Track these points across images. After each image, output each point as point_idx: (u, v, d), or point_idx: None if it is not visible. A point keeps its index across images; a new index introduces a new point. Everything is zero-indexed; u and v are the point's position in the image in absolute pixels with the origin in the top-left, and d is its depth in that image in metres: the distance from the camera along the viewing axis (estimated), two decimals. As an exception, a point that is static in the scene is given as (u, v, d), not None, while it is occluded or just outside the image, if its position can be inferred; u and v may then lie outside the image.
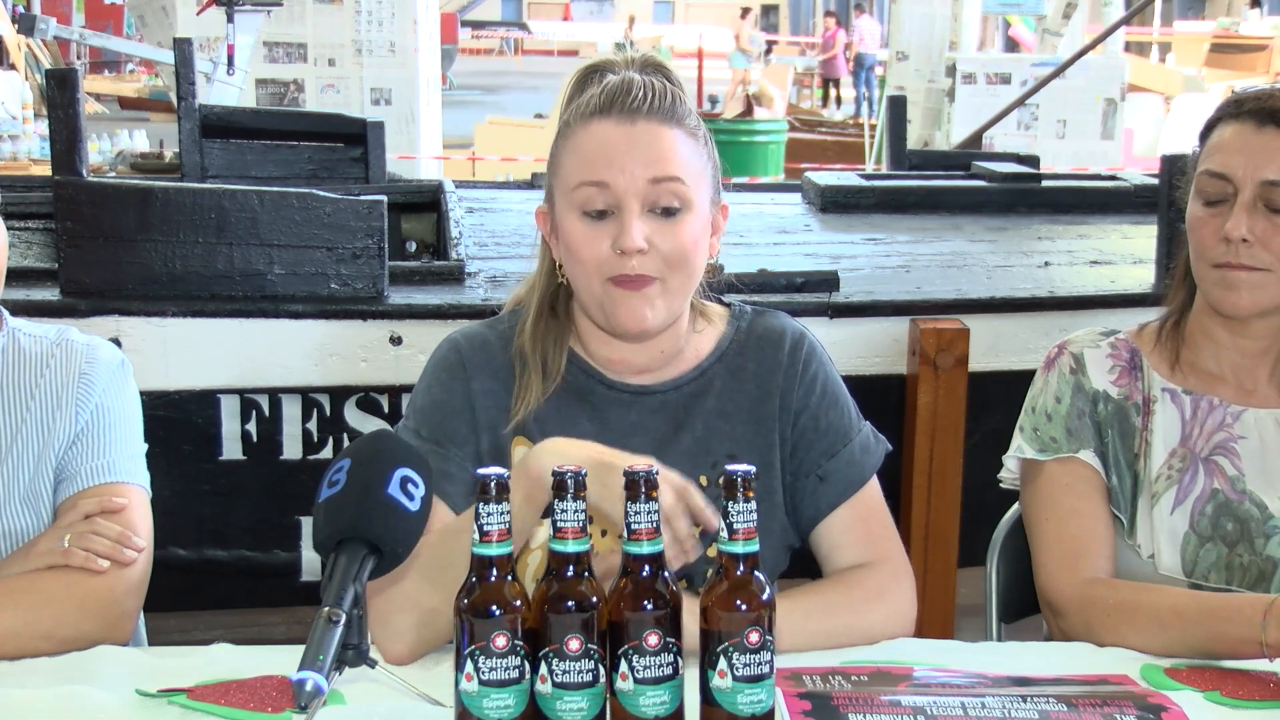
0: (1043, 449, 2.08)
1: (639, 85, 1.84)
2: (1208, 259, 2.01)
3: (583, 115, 1.84)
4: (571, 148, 1.85)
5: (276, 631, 3.79)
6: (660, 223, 1.82)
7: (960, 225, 4.50)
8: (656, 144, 1.82)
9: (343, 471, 1.54)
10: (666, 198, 1.82)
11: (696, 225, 1.85)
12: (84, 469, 1.96)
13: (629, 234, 1.80)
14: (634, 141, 1.81)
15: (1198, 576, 2.00)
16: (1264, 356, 2.07)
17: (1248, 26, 21.99)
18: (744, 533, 1.48)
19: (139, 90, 17.70)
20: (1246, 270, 1.97)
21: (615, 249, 1.81)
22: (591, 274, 1.84)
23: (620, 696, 1.49)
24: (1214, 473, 2.03)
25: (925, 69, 11.51)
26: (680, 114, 1.85)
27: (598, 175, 1.81)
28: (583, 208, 1.82)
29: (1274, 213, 1.96)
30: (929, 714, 1.57)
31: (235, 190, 3.37)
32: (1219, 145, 2.01)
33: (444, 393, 1.94)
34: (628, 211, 1.80)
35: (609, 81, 1.86)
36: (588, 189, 1.81)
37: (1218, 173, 1.99)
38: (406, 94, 8.66)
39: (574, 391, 1.95)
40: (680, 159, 1.83)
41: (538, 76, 25.88)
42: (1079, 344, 2.13)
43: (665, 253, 1.82)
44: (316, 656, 1.37)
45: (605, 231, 1.82)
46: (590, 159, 1.82)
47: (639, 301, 1.83)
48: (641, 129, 1.82)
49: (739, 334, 2.00)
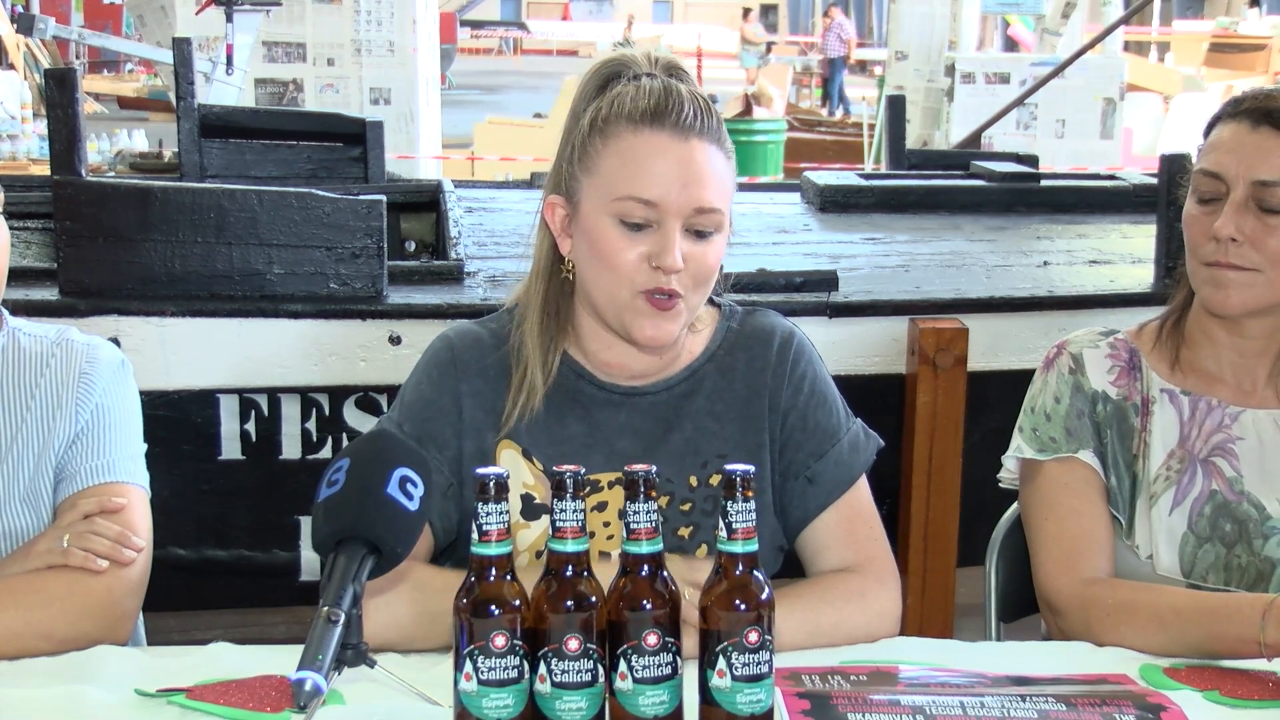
0: (1042, 449, 2.08)
1: (688, 99, 1.83)
2: (1199, 257, 2.01)
3: (630, 120, 1.82)
4: (616, 152, 1.82)
5: (276, 631, 3.79)
6: (694, 243, 1.82)
7: (959, 225, 4.49)
8: (706, 169, 1.82)
9: (342, 471, 1.54)
10: (705, 222, 1.82)
11: (723, 243, 1.87)
12: (83, 468, 1.96)
13: (671, 253, 1.80)
14: (686, 164, 1.81)
15: (1196, 577, 2.00)
16: (1262, 357, 2.07)
17: (1247, 26, 22.00)
18: (743, 532, 1.48)
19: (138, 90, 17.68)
20: (1235, 270, 1.97)
21: (651, 263, 1.81)
22: (622, 282, 1.83)
23: (619, 696, 1.49)
24: (1212, 474, 2.04)
25: (924, 68, 11.51)
26: (723, 134, 1.86)
27: (648, 193, 1.80)
28: (622, 217, 1.81)
29: (1265, 213, 1.96)
30: (928, 713, 1.57)
31: (234, 190, 3.36)
32: (1215, 144, 2.01)
33: (433, 391, 1.93)
34: (670, 231, 1.80)
35: (651, 87, 1.84)
36: (633, 203, 1.80)
37: (1211, 171, 1.99)
38: (406, 94, 8.66)
39: (563, 392, 1.94)
40: (723, 187, 1.84)
41: (537, 76, 25.88)
42: (1078, 344, 2.13)
43: (695, 272, 1.83)
44: (316, 656, 1.37)
45: (641, 242, 1.81)
46: (642, 173, 1.80)
47: (666, 320, 1.84)
48: (694, 150, 1.81)
49: (730, 334, 1.99)
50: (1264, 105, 1.97)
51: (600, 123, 1.84)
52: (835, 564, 1.94)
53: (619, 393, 1.95)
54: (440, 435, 1.91)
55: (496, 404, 1.92)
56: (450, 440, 1.91)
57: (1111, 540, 2.04)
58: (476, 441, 1.92)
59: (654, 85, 1.84)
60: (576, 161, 1.86)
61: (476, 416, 1.92)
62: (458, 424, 1.91)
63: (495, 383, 1.93)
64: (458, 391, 1.92)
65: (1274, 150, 1.95)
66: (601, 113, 1.84)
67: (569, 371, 1.95)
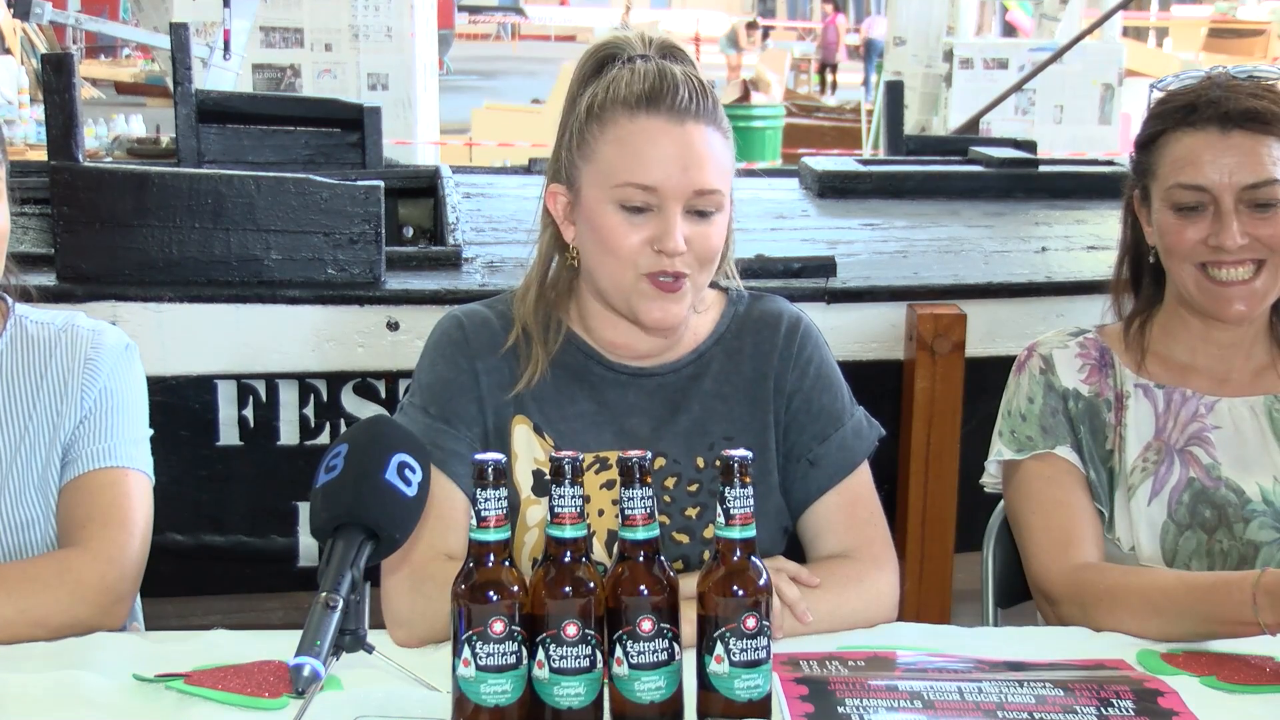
0: (1020, 449, 2.09)
1: (683, 82, 1.83)
2: (1192, 259, 2.02)
3: (626, 105, 1.83)
4: (614, 139, 1.83)
5: (274, 617, 3.80)
6: (696, 223, 1.83)
7: (957, 210, 4.49)
8: (704, 151, 1.82)
9: (340, 457, 1.54)
10: (705, 203, 1.83)
11: (725, 222, 1.88)
12: (86, 452, 1.96)
13: (673, 237, 1.81)
14: (684, 147, 1.81)
15: (1179, 565, 2.01)
16: (1237, 347, 2.09)
17: (1245, 11, 21.97)
18: (740, 518, 1.48)
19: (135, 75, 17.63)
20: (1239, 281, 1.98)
21: (654, 246, 1.82)
22: (625, 266, 1.84)
23: (617, 682, 1.49)
24: (1189, 462, 2.05)
25: (922, 54, 11.49)
26: (719, 114, 1.86)
27: (647, 179, 1.80)
28: (623, 203, 1.82)
29: (1257, 209, 1.98)
30: (925, 699, 1.57)
31: (232, 176, 3.36)
32: (1186, 159, 2.00)
33: (450, 369, 1.94)
34: (671, 214, 1.81)
35: (645, 70, 1.84)
36: (632, 189, 1.81)
37: (1193, 185, 1.99)
38: (403, 79, 8.65)
39: (572, 371, 1.95)
40: (721, 167, 1.84)
41: (535, 62, 25.82)
42: (1047, 345, 2.15)
43: (699, 251, 1.84)
44: (314, 642, 1.37)
45: (643, 226, 1.82)
46: (639, 159, 1.81)
47: (672, 302, 1.85)
48: (691, 133, 1.82)
49: (737, 317, 2.00)
50: (1223, 109, 1.98)
51: (596, 109, 1.85)
52: (834, 548, 1.95)
53: (627, 373, 1.96)
54: (466, 412, 1.92)
55: (507, 381, 1.93)
56: (476, 415, 1.92)
57: (1099, 528, 2.05)
58: (496, 417, 1.93)
59: (648, 68, 1.84)
60: (575, 149, 1.87)
61: (493, 392, 1.93)
62: (479, 398, 1.92)
63: (508, 359, 1.94)
64: (474, 368, 1.93)
65: (1250, 151, 1.97)
66: (598, 99, 1.85)
67: (577, 352, 1.96)
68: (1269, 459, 2.04)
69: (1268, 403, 2.07)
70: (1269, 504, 2.02)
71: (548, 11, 35.97)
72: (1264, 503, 2.02)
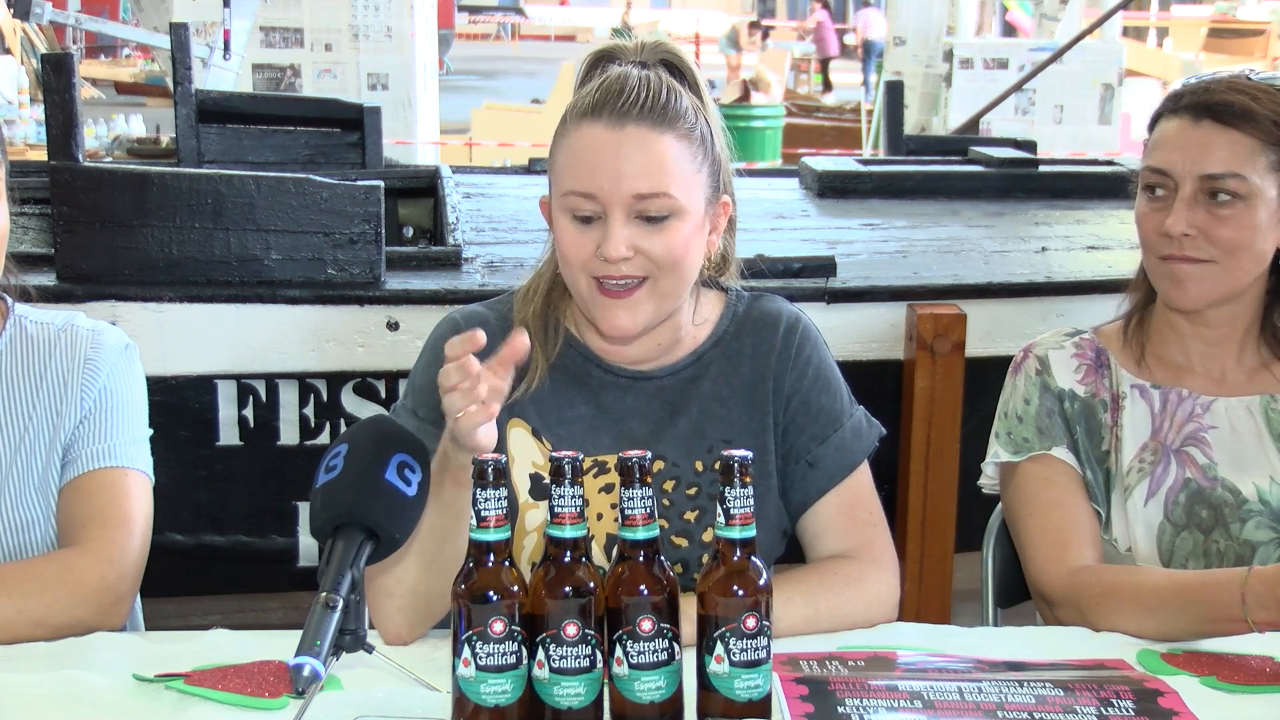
0: (1017, 450, 2.09)
1: (632, 84, 1.81)
2: (1154, 252, 2.03)
3: (577, 114, 1.83)
4: (565, 148, 1.84)
5: (274, 617, 3.80)
6: (647, 229, 1.81)
7: (957, 210, 4.49)
8: (643, 154, 1.79)
9: (340, 457, 1.54)
10: (653, 208, 1.80)
11: (687, 229, 1.83)
12: (86, 452, 1.95)
13: (610, 244, 1.79)
14: (620, 150, 1.79)
15: (1175, 565, 2.02)
16: (1227, 344, 2.09)
17: (1246, 11, 21.94)
18: (740, 518, 1.48)
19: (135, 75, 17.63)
20: (1191, 263, 1.99)
21: (599, 255, 1.81)
22: (578, 274, 1.84)
23: (617, 682, 1.49)
24: (1185, 463, 2.05)
25: (922, 54, 11.48)
26: (673, 114, 1.82)
27: (584, 185, 1.80)
28: (573, 211, 1.82)
29: (1215, 204, 1.97)
30: (925, 699, 1.57)
31: (232, 176, 3.36)
32: (1160, 141, 2.02)
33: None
34: (612, 220, 1.79)
35: (607, 77, 1.84)
36: (576, 198, 1.81)
37: (1158, 168, 2.01)
38: (403, 79, 8.65)
39: (571, 374, 1.95)
40: (668, 169, 1.80)
41: (535, 62, 25.83)
42: (1043, 346, 2.15)
43: (654, 256, 1.82)
44: (314, 642, 1.37)
45: (591, 236, 1.81)
46: (579, 166, 1.81)
47: (622, 309, 1.83)
48: (630, 135, 1.79)
49: (736, 318, 2.00)
50: (1203, 99, 1.99)
51: (562, 119, 1.86)
52: (834, 549, 1.94)
53: (626, 376, 1.95)
54: None
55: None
56: None
57: (1096, 529, 2.04)
58: None
59: (610, 76, 1.84)
60: (549, 159, 1.89)
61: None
62: None
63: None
64: None
65: (1217, 143, 1.97)
66: (565, 110, 1.86)
67: (577, 355, 1.96)
68: (1265, 459, 2.04)
69: (1264, 402, 2.07)
70: (1265, 504, 2.02)
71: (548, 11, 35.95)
72: (1260, 502, 2.02)
